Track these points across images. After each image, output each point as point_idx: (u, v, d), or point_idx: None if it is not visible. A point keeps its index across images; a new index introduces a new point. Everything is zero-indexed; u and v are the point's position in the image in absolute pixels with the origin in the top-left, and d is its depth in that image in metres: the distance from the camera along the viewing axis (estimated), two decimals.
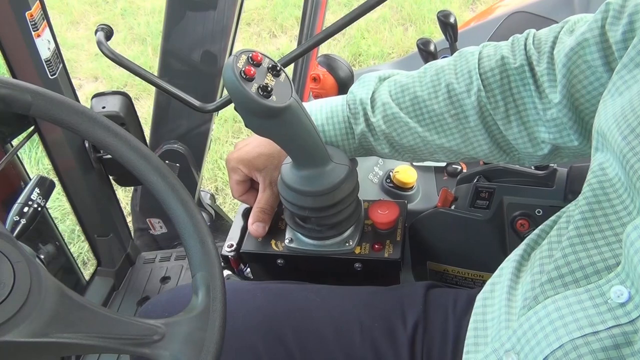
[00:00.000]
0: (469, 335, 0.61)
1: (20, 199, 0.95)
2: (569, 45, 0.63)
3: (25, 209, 0.94)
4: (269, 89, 0.63)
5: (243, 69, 0.62)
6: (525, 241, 0.63)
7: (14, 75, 1.02)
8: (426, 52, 1.07)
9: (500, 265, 0.64)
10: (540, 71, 0.67)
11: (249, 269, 0.89)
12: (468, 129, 0.72)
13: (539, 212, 0.78)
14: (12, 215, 0.92)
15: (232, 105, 0.72)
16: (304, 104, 0.71)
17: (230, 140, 2.41)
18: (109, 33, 1.04)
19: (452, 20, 1.04)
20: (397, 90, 0.75)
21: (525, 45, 0.69)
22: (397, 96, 0.74)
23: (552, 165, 0.85)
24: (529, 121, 0.69)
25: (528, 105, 0.69)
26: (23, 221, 0.93)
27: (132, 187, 1.55)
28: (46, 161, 2.13)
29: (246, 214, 0.89)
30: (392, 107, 0.74)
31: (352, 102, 0.77)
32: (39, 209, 0.96)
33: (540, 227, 0.63)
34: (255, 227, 0.82)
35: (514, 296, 0.58)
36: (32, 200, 0.95)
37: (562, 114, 0.65)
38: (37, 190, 0.97)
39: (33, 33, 0.97)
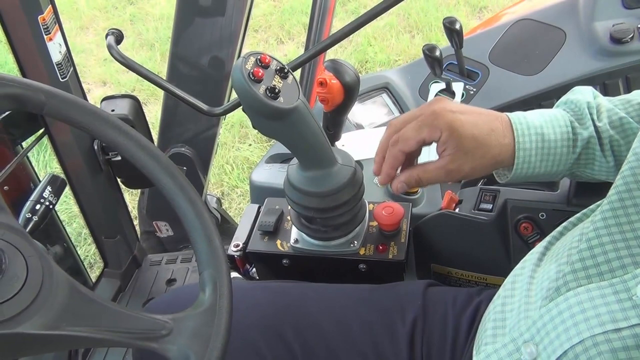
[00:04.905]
0: (487, 327, 0.59)
1: (33, 197, 0.97)
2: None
3: (37, 207, 0.96)
4: (277, 90, 0.64)
5: (251, 71, 0.63)
6: (553, 233, 0.63)
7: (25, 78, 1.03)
8: (432, 58, 1.08)
9: (524, 258, 0.63)
10: None
11: (254, 269, 0.90)
12: None
13: (542, 215, 0.79)
14: (25, 213, 0.94)
15: (239, 110, 0.73)
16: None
17: (237, 145, 2.42)
18: (119, 37, 1.06)
19: (457, 27, 1.05)
20: (616, 102, 0.70)
21: None
22: (622, 103, 0.70)
23: None
24: None
25: None
26: (35, 218, 0.94)
27: (139, 190, 1.57)
28: (54, 164, 2.15)
29: (253, 215, 0.90)
30: (618, 112, 0.69)
31: (574, 106, 0.71)
32: (51, 207, 0.98)
33: (569, 219, 0.62)
34: (400, 185, 0.70)
35: (532, 285, 0.58)
36: (44, 198, 0.97)
37: None
38: (49, 188, 0.98)
39: (45, 36, 0.98)
